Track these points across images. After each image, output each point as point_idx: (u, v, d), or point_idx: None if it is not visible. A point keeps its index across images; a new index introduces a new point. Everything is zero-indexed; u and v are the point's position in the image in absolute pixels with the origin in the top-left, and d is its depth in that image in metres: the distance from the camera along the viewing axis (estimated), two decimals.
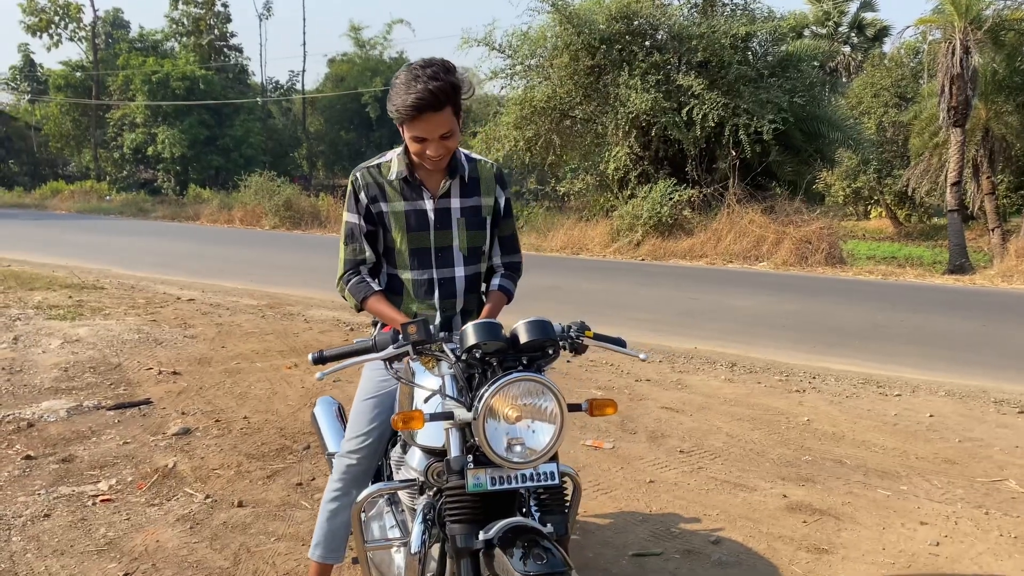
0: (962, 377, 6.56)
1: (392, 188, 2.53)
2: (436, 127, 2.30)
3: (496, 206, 2.65)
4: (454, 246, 2.55)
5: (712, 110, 15.24)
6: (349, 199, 2.55)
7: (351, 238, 2.57)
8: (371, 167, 2.57)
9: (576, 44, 16.47)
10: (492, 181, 2.63)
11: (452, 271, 2.56)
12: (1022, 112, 22.80)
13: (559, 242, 16.79)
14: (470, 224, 2.57)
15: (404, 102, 2.26)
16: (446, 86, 2.25)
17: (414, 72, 2.28)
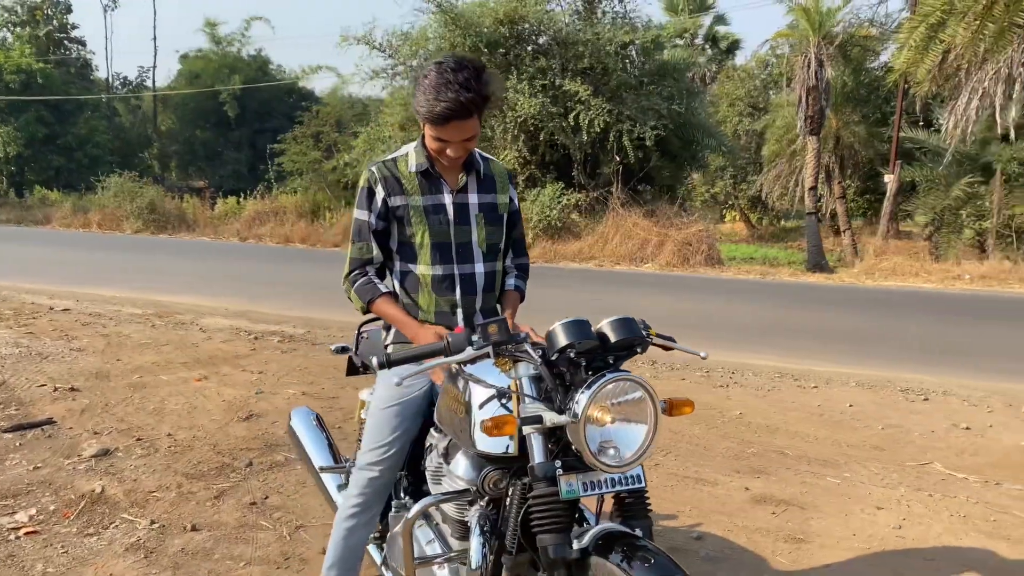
0: (866, 368, 6.96)
1: (410, 182, 2.44)
2: (461, 133, 2.27)
3: (511, 205, 2.61)
4: (473, 242, 2.48)
5: (598, 116, 15.56)
6: (362, 196, 2.46)
7: (359, 236, 2.47)
8: (387, 162, 2.48)
9: (462, 46, 16.42)
10: (505, 179, 2.60)
11: (472, 267, 2.49)
12: (868, 122, 24.70)
13: None
14: (488, 220, 2.51)
15: (432, 109, 2.20)
16: (477, 98, 2.20)
17: (445, 76, 2.20)
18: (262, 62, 36.15)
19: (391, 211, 2.44)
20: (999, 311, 10.85)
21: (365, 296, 2.44)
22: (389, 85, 19.17)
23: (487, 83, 2.23)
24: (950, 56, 14.42)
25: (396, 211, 2.43)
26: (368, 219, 2.45)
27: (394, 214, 2.44)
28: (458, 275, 2.46)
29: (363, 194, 2.45)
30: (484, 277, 2.51)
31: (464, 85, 2.17)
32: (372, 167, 2.46)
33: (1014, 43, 13.45)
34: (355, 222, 2.48)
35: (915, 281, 14.00)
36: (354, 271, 2.48)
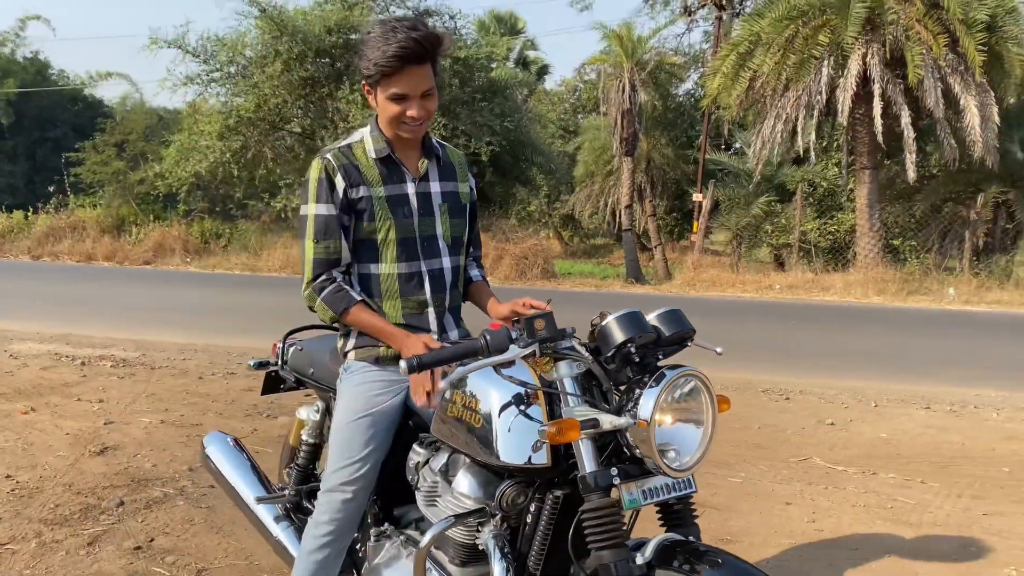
0: (723, 371, 7.26)
1: (370, 170, 2.20)
2: (419, 82, 2.07)
3: (471, 195, 2.44)
4: (438, 234, 2.28)
5: (433, 130, 15.40)
6: (318, 187, 2.16)
7: (324, 234, 2.17)
8: (342, 148, 2.22)
9: (288, 54, 15.73)
10: (464, 167, 2.43)
11: (439, 262, 2.28)
12: (675, 145, 26.35)
13: (276, 261, 15.82)
14: (452, 211, 2.32)
15: (384, 53, 2.02)
16: (430, 35, 2.05)
17: (390, 25, 2.07)
18: (41, 65, 32.54)
19: (351, 204, 2.17)
20: (811, 316, 11.81)
21: (338, 305, 2.16)
22: (204, 91, 18.01)
23: (434, 28, 2.11)
24: (757, 83, 15.65)
25: (357, 204, 2.17)
26: (334, 213, 2.16)
27: (354, 207, 2.18)
28: (426, 271, 2.24)
29: (321, 186, 2.16)
30: (451, 272, 2.31)
31: (412, 27, 2.04)
32: (326, 154, 2.18)
33: (812, 73, 14.82)
34: (315, 219, 2.17)
35: (733, 291, 14.99)
36: (319, 276, 2.18)
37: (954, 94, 13.95)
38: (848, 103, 14.27)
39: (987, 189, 15.54)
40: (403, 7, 17.35)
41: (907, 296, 14.05)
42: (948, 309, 13.12)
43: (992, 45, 13.62)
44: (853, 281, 14.93)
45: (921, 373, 7.48)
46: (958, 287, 14.36)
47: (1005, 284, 14.51)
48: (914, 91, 14.32)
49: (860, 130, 15.31)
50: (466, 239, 2.40)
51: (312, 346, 2.72)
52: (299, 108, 16.74)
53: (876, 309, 12.96)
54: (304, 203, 2.21)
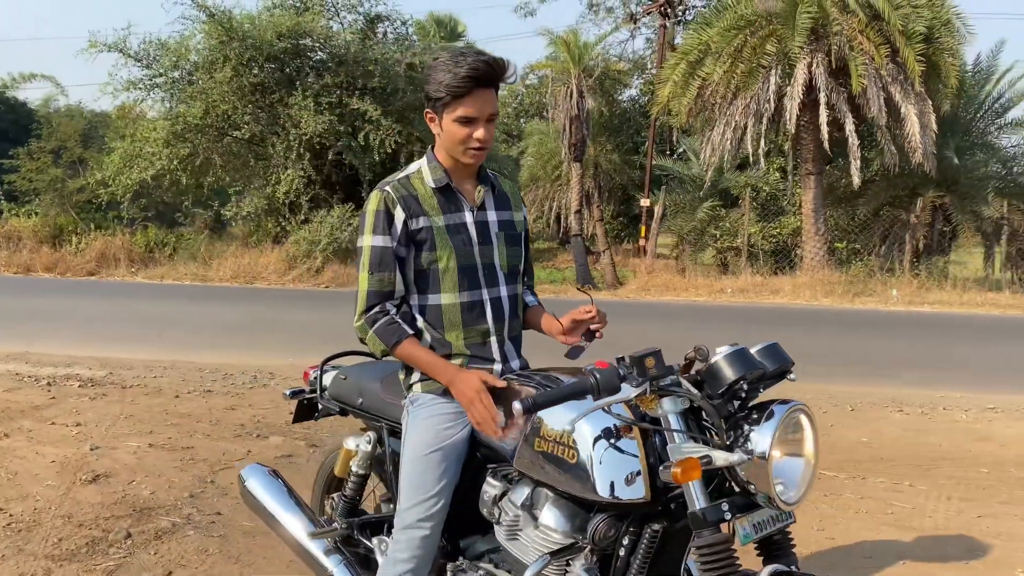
0: None
1: (429, 201, 2.21)
2: (485, 105, 2.11)
3: (525, 223, 2.46)
4: (496, 263, 2.29)
5: (388, 136, 15.32)
6: (376, 219, 2.18)
7: (380, 266, 2.18)
8: (400, 180, 2.24)
9: (237, 59, 15.42)
10: (517, 196, 2.46)
11: (499, 290, 2.30)
12: (621, 150, 26.68)
13: (227, 271, 15.46)
14: (508, 240, 2.34)
15: (456, 75, 2.07)
16: (498, 60, 2.13)
17: (458, 51, 2.17)
18: None
19: (411, 235, 2.19)
20: (769, 319, 12.09)
21: (390, 339, 2.17)
22: (147, 97, 17.53)
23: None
24: (706, 91, 15.97)
25: (417, 234, 2.19)
26: (390, 245, 2.17)
27: (414, 238, 2.19)
28: (487, 299, 2.25)
29: (378, 218, 2.17)
30: (510, 301, 2.32)
31: (479, 53, 2.14)
32: (386, 187, 2.20)
33: (760, 81, 15.19)
34: (372, 250, 2.18)
35: (687, 295, 15.25)
36: (372, 308, 2.18)
37: (895, 102, 14.47)
38: (796, 111, 14.67)
39: (925, 194, 16.15)
40: (354, 12, 17.20)
41: (854, 297, 14.50)
42: (894, 310, 13.60)
43: (930, 55, 14.17)
44: (801, 284, 15.34)
45: (886, 375, 7.74)
46: (900, 288, 14.88)
47: (944, 284, 15.09)
48: (857, 99, 14.80)
49: (805, 137, 15.75)
50: (522, 267, 2.42)
51: (359, 374, 2.69)
52: (249, 114, 16.42)
53: (827, 311, 13.34)
54: (360, 234, 2.22)
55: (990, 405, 6.54)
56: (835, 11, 14.37)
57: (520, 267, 2.39)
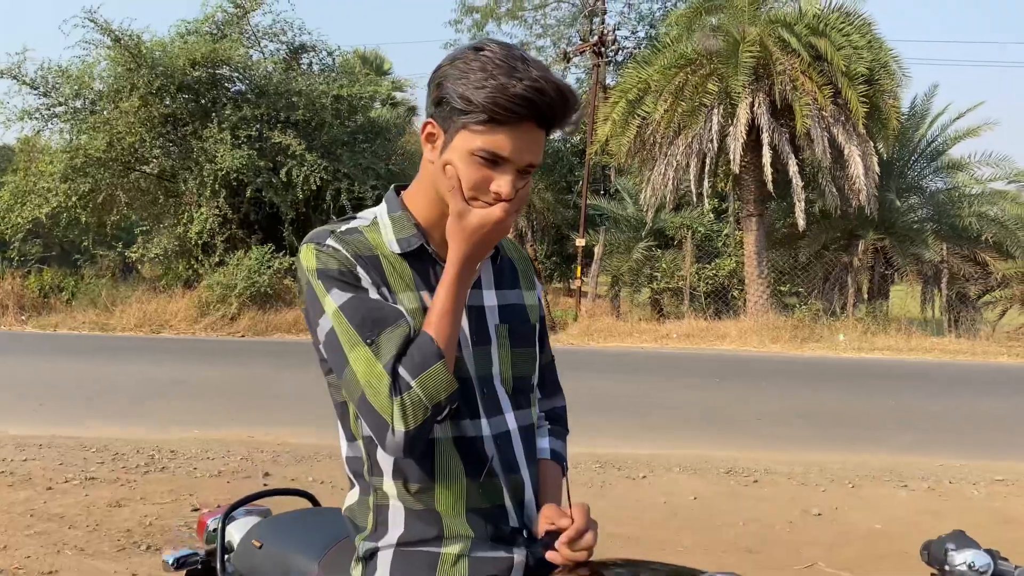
0: (676, 447, 6.55)
1: (396, 270, 1.34)
2: (530, 147, 1.27)
3: (540, 307, 1.56)
4: (494, 375, 1.40)
5: (314, 172, 14.24)
6: (330, 279, 1.30)
7: (376, 322, 1.26)
8: (346, 233, 1.35)
9: (147, 87, 14.16)
10: (529, 267, 1.57)
11: (503, 420, 1.40)
12: (554, 189, 26.18)
13: (132, 319, 13.98)
14: (515, 337, 1.45)
15: (506, 89, 1.22)
16: (570, 93, 1.28)
17: (511, 54, 1.26)
18: None
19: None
20: (723, 370, 11.43)
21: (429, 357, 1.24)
22: (45, 127, 16.03)
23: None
24: (646, 131, 15.47)
25: None
26: (369, 294, 1.30)
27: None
28: (489, 436, 1.36)
29: (333, 277, 1.29)
30: (521, 435, 1.42)
31: (545, 68, 1.27)
32: (327, 240, 1.32)
33: (702, 121, 14.77)
34: (347, 309, 1.27)
35: (632, 341, 14.54)
36: (398, 355, 1.24)
37: (839, 143, 14.22)
38: (739, 151, 14.27)
39: (865, 236, 15.95)
40: (276, 41, 16.17)
41: (801, 343, 14.06)
42: (844, 357, 13.17)
43: (871, 97, 14.00)
44: (747, 328, 14.84)
45: (871, 440, 7.08)
46: (847, 333, 14.53)
47: (888, 329, 14.82)
48: (798, 140, 14.53)
49: (747, 178, 15.39)
50: (535, 380, 1.51)
51: (284, 542, 1.69)
52: (159, 147, 15.12)
53: (778, 359, 12.80)
54: (316, 315, 1.31)
55: (998, 476, 5.90)
56: (777, 51, 14.10)
57: (533, 379, 1.49)
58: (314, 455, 5.94)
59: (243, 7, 15.52)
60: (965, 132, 16.63)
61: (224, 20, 15.47)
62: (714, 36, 14.78)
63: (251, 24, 15.88)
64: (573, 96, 1.27)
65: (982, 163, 16.62)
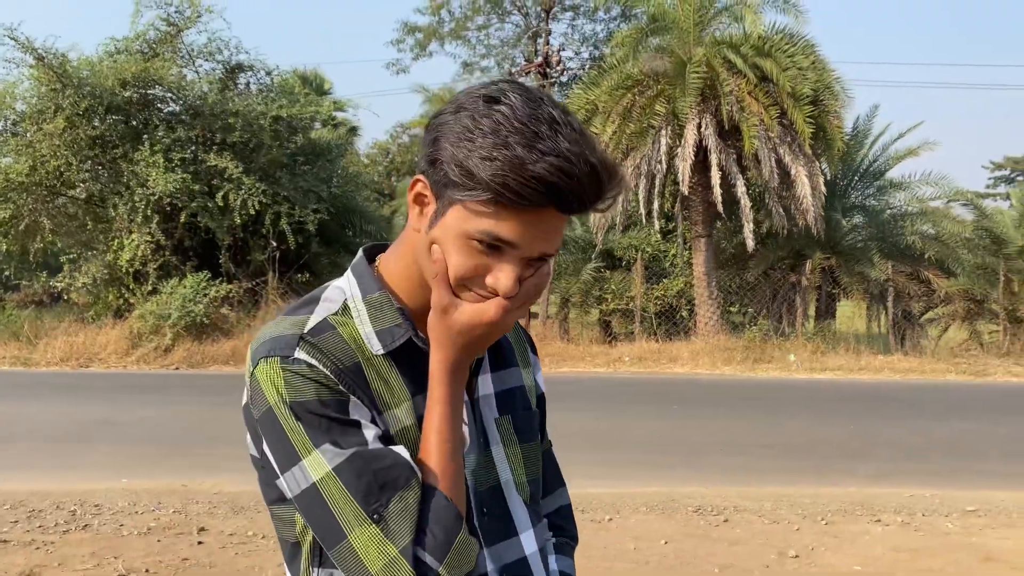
0: (639, 486, 6.25)
1: (379, 376, 1.02)
2: (546, 238, 0.96)
3: (537, 389, 1.25)
4: (504, 483, 1.11)
5: (252, 196, 13.68)
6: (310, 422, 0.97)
7: (382, 489, 0.95)
8: (318, 331, 1.02)
9: (73, 109, 13.45)
10: (522, 338, 1.27)
11: (515, 544, 1.10)
12: None
13: (58, 352, 13.15)
14: (521, 429, 1.15)
15: (523, 171, 0.90)
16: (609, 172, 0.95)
17: (536, 114, 0.93)
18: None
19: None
20: (678, 395, 11.23)
21: (451, 529, 0.96)
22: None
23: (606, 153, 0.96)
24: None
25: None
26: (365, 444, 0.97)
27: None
28: (496, 571, 1.06)
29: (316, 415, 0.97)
30: (540, 561, 1.13)
31: (580, 133, 0.93)
32: (295, 353, 0.99)
33: (651, 142, 14.68)
34: (344, 475, 0.96)
35: (584, 366, 14.27)
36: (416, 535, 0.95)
37: (785, 164, 14.26)
38: (688, 172, 14.20)
39: (812, 255, 16.02)
40: (212, 61, 15.56)
41: (754, 364, 13.96)
42: (797, 378, 13.11)
43: (816, 118, 14.08)
44: (699, 350, 14.71)
45: (838, 469, 6.92)
46: (797, 352, 14.50)
47: (838, 348, 14.84)
48: (745, 160, 14.53)
49: (695, 199, 15.33)
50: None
51: None
52: (86, 171, 14.37)
53: (732, 382, 12.67)
54: (284, 458, 0.98)
55: (969, 507, 5.73)
56: (724, 72, 14.09)
57: (541, 483, 1.20)
58: (254, 505, 5.46)
59: (176, 25, 14.92)
60: (906, 152, 16.91)
61: (156, 38, 14.83)
62: (660, 57, 14.74)
63: (185, 43, 15.25)
64: (613, 175, 0.95)
65: (922, 182, 16.89)
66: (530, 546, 1.10)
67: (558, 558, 1.24)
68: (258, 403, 0.99)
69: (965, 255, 16.31)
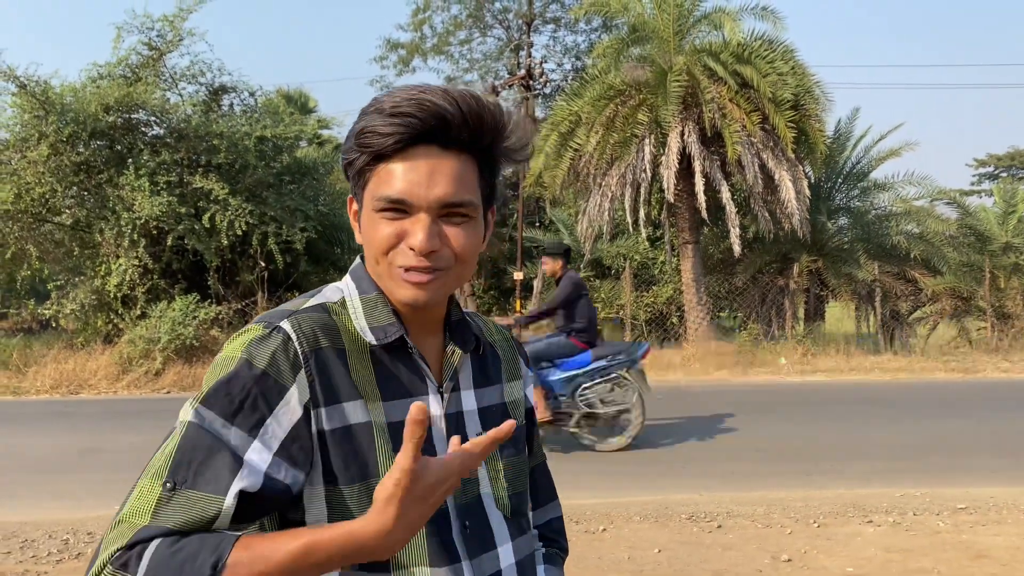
0: (635, 494, 6.26)
1: (360, 364, 1.05)
2: (432, 179, 1.00)
3: (525, 403, 1.26)
4: (484, 497, 1.11)
5: (239, 217, 13.68)
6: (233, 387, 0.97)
7: (192, 469, 0.94)
8: (312, 312, 1.06)
9: (57, 135, 13.43)
10: (514, 353, 1.28)
11: (494, 557, 1.09)
12: None
13: (48, 380, 13.07)
14: (503, 444, 1.14)
15: (378, 114, 1.00)
16: (463, 97, 1.00)
17: (401, 87, 1.03)
18: None
19: (314, 443, 1.00)
20: (673, 401, 11.24)
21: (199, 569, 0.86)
22: None
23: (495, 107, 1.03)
24: (580, 162, 15.40)
25: (328, 442, 1.00)
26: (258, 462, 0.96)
27: (322, 447, 1.00)
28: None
29: (241, 387, 0.97)
30: (518, 571, 1.13)
31: (446, 90, 1.01)
32: (284, 320, 1.03)
33: (634, 151, 14.76)
34: (188, 434, 0.97)
35: None
36: (168, 532, 0.90)
37: (769, 169, 14.37)
38: (672, 180, 14.29)
39: (799, 258, 16.12)
40: (195, 83, 15.59)
41: (746, 369, 14.01)
42: (788, 380, 13.16)
43: (798, 122, 14.21)
44: (690, 356, 14.75)
45: (826, 472, 6.96)
46: (787, 355, 14.57)
47: (828, 350, 14.92)
48: (729, 167, 14.63)
49: (680, 206, 15.43)
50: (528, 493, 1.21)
51: None
52: (72, 197, 14.36)
53: (724, 387, 12.70)
54: (192, 401, 0.99)
55: (960, 504, 5.77)
56: (705, 79, 14.21)
57: (527, 495, 1.19)
58: None
59: (158, 49, 14.94)
60: (888, 153, 17.06)
61: (139, 63, 14.86)
62: (641, 67, 14.85)
63: (167, 66, 15.29)
64: (478, 102, 0.99)
65: (905, 183, 17.05)
66: (507, 559, 1.11)
67: (547, 568, 1.26)
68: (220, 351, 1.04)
69: (950, 253, 16.45)
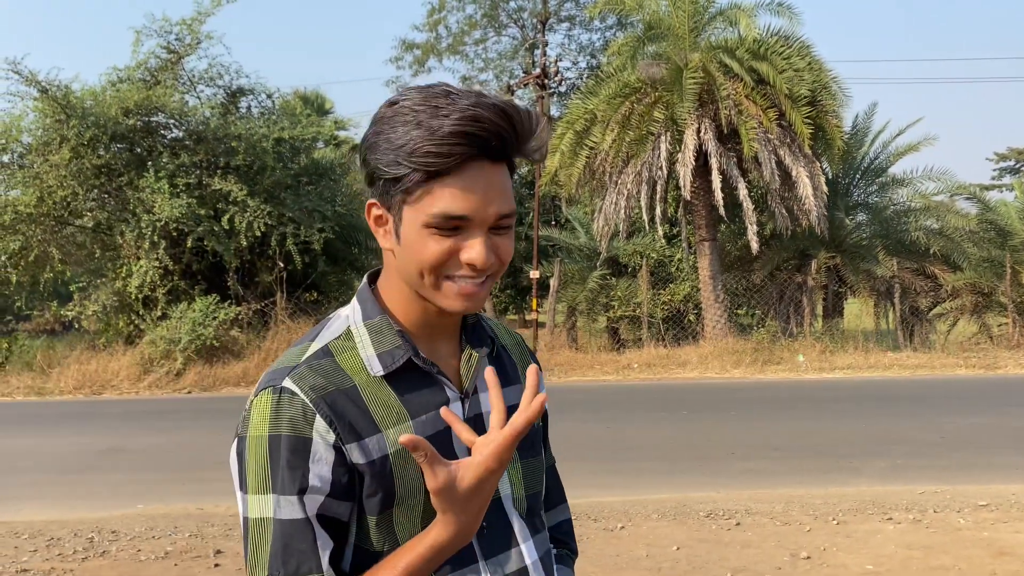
0: (651, 492, 6.28)
1: (378, 400, 1.05)
2: (491, 193, 1.00)
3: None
4: (504, 498, 1.13)
5: (258, 218, 13.79)
6: (273, 460, 1.01)
7: (287, 557, 1.00)
8: (314, 362, 1.05)
9: (78, 139, 13.60)
10: (524, 354, 1.30)
11: (517, 555, 1.12)
12: None
13: (71, 381, 13.26)
14: (522, 446, 1.17)
15: (432, 131, 0.96)
16: (514, 111, 1.00)
17: (433, 93, 1.00)
18: None
19: (349, 478, 1.03)
20: (689, 399, 11.24)
21: None
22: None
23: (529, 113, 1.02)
24: (596, 160, 15.39)
25: (360, 472, 1.03)
26: (304, 514, 1.01)
27: (359, 480, 1.04)
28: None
29: (278, 457, 1.01)
30: (543, 568, 1.15)
31: (479, 94, 1.00)
32: (286, 379, 1.03)
33: (650, 148, 14.73)
34: (268, 529, 1.01)
35: (594, 375, 14.30)
36: None
37: (786, 165, 14.30)
38: (689, 177, 14.25)
39: (817, 255, 16.03)
40: (213, 86, 15.73)
41: (763, 366, 13.97)
42: (806, 378, 13.11)
43: (815, 118, 14.12)
44: (707, 354, 14.72)
45: (846, 469, 6.94)
46: (805, 352, 14.50)
47: (847, 347, 14.83)
48: (745, 163, 14.57)
49: (697, 203, 15.38)
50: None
51: None
52: (93, 200, 14.53)
53: (743, 385, 12.68)
54: (241, 491, 1.03)
55: (981, 501, 5.75)
56: (720, 76, 14.16)
57: (542, 497, 1.22)
58: None
59: (177, 52, 15.10)
60: (906, 148, 16.92)
61: (157, 66, 15.02)
62: (657, 64, 14.81)
63: (186, 69, 15.45)
64: (520, 112, 1.00)
65: (924, 178, 16.90)
66: (531, 555, 1.13)
67: (559, 569, 1.28)
68: (239, 429, 1.05)
69: (970, 248, 16.30)
